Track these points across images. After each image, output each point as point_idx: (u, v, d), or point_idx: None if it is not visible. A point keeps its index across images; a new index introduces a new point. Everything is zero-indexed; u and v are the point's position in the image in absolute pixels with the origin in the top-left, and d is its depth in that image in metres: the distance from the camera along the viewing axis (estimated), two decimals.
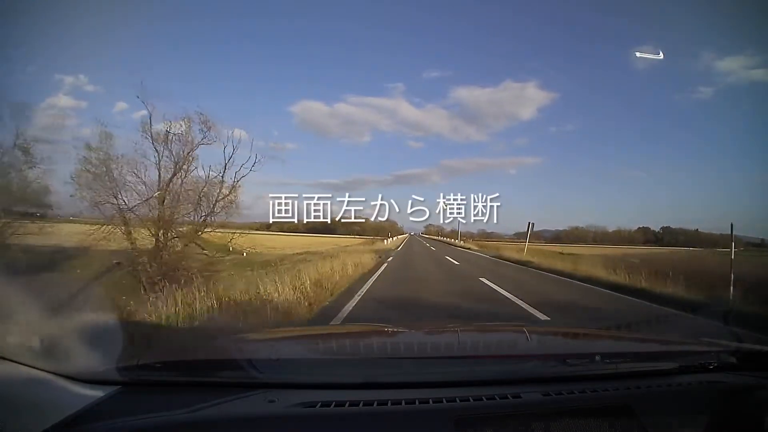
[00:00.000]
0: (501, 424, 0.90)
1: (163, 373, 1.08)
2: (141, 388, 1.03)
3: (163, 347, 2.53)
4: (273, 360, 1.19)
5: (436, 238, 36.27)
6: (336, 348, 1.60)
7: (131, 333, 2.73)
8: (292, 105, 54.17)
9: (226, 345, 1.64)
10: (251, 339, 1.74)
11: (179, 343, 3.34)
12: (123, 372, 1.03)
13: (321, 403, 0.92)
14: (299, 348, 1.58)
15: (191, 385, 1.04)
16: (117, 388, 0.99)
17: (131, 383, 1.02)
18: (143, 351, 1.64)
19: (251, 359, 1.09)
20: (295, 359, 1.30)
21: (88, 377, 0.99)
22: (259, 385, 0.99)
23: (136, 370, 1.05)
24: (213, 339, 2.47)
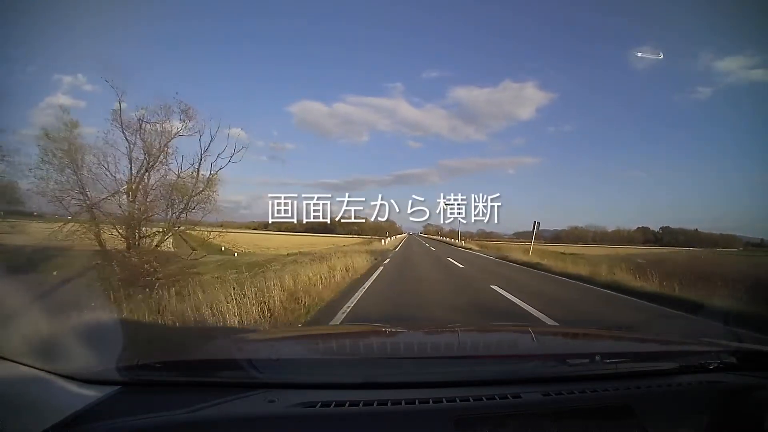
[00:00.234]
0: (501, 424, 0.90)
1: (163, 373, 1.08)
2: (141, 388, 1.03)
3: (163, 347, 2.53)
4: (273, 360, 1.19)
5: (435, 237, 36.31)
6: (336, 348, 1.60)
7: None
8: (291, 105, 54.50)
9: (226, 345, 1.64)
10: (251, 339, 1.74)
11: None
12: (123, 372, 1.03)
13: (321, 403, 0.92)
14: (299, 348, 1.58)
15: (191, 385, 1.04)
16: (117, 388, 0.99)
17: (131, 383, 1.02)
18: (143, 351, 1.64)
19: (251, 359, 1.09)
20: (295, 359, 1.29)
21: (88, 377, 0.99)
22: (259, 385, 0.99)
23: (135, 370, 1.05)
24: (213, 339, 2.47)
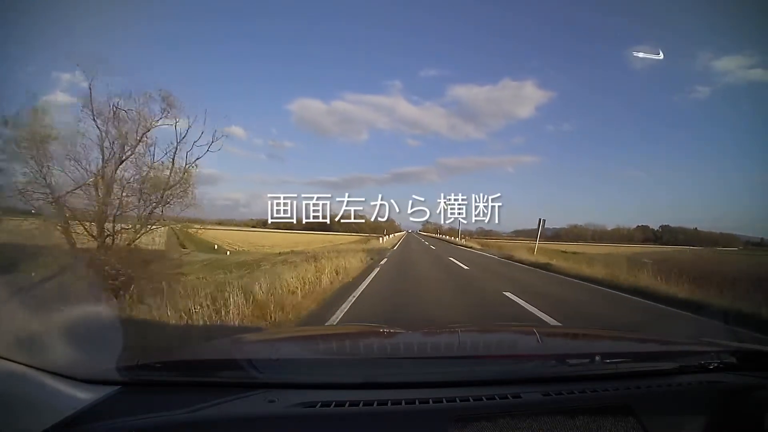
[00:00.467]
0: (501, 424, 0.90)
1: (163, 373, 1.08)
2: (141, 388, 1.03)
3: (163, 347, 2.53)
4: (273, 360, 1.19)
5: (434, 235, 36.20)
6: (336, 348, 1.60)
7: None
8: (290, 103, 54.31)
9: (226, 345, 1.64)
10: (251, 339, 1.74)
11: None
12: (123, 372, 1.03)
13: (321, 403, 0.91)
14: (299, 348, 1.58)
15: (191, 385, 1.04)
16: (117, 388, 0.99)
17: (131, 383, 1.02)
18: (143, 351, 1.64)
19: (251, 359, 1.09)
20: (295, 359, 1.29)
21: (87, 377, 0.99)
22: (259, 385, 0.99)
23: (135, 370, 1.05)
24: (212, 339, 2.47)
